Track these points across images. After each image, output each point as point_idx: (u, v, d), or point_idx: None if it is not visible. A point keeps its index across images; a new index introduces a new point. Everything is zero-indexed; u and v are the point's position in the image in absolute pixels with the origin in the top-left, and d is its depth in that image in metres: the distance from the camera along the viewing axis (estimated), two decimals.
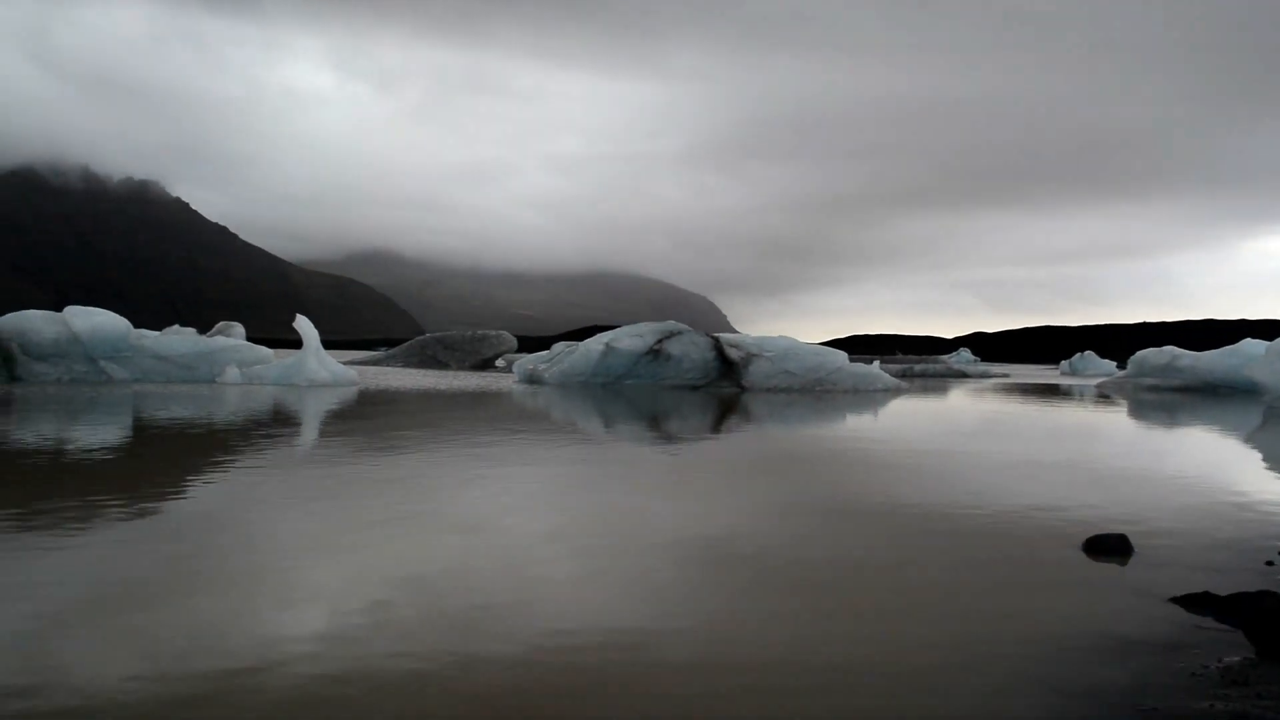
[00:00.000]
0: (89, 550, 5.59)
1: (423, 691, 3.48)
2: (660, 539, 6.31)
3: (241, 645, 3.89)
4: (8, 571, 5.07)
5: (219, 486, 8.41)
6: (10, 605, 4.44)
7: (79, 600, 4.56)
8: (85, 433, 12.75)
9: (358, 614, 4.37)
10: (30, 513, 6.77)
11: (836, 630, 4.40)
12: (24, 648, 3.86)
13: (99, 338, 25.15)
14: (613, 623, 4.37)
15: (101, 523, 6.45)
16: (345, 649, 3.88)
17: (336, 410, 17.97)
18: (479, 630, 4.18)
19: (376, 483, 8.62)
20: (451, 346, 49.08)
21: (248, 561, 5.40)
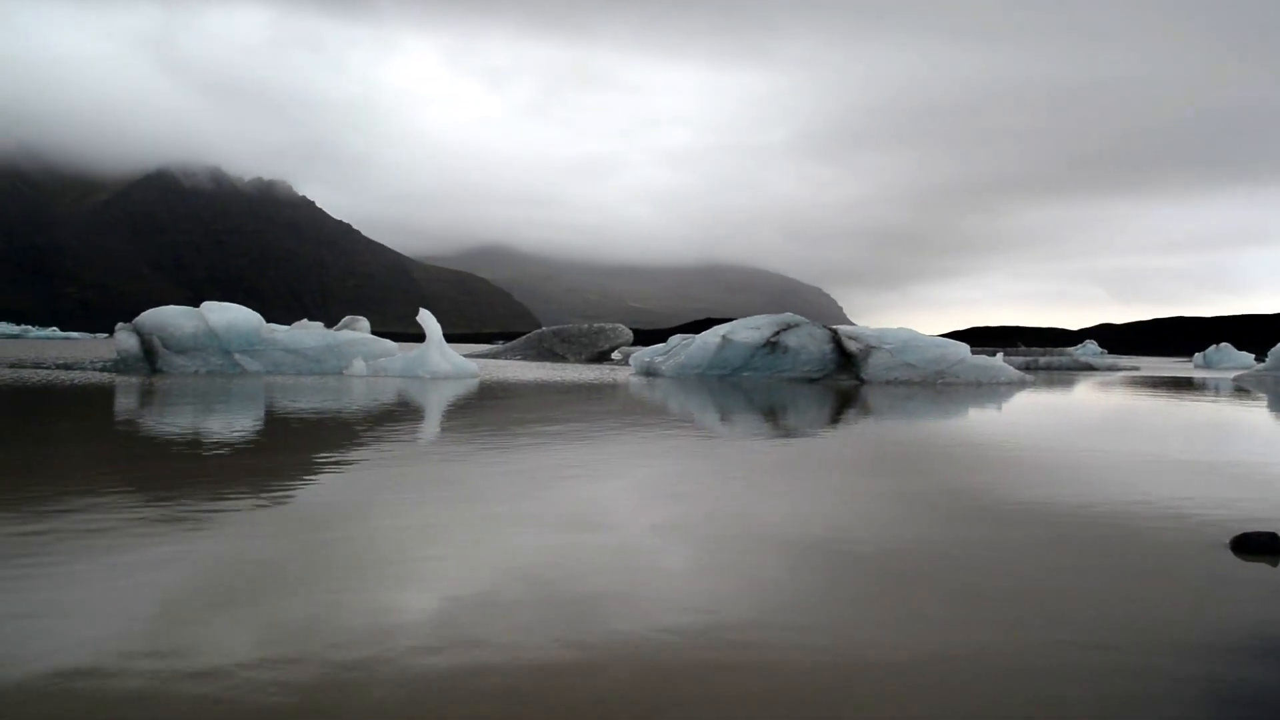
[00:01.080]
0: (220, 536, 5.80)
1: (532, 683, 3.49)
2: (774, 534, 6.25)
3: (357, 631, 3.97)
4: (142, 553, 5.29)
5: (342, 476, 8.65)
6: (142, 586, 4.63)
7: (207, 583, 4.72)
8: (221, 422, 13.27)
9: (470, 604, 4.44)
10: (169, 498, 7.06)
11: (966, 630, 4.26)
12: (154, 628, 4.02)
13: (234, 332, 26.16)
14: (723, 618, 4.33)
15: (233, 509, 6.68)
16: (456, 638, 3.93)
17: (457, 402, 18.31)
18: (589, 623, 4.19)
19: (492, 474, 8.74)
20: (568, 340, 49.59)
21: (367, 550, 5.53)
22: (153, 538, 5.68)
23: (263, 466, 9.18)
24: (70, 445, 10.97)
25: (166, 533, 5.83)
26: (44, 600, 4.37)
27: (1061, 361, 54.66)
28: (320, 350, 27.05)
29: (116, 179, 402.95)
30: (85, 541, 5.57)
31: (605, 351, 49.53)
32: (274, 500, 7.17)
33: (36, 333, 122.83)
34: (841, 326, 32.79)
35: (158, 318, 26.14)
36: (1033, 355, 59.10)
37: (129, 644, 3.79)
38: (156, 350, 25.70)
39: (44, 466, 9.02)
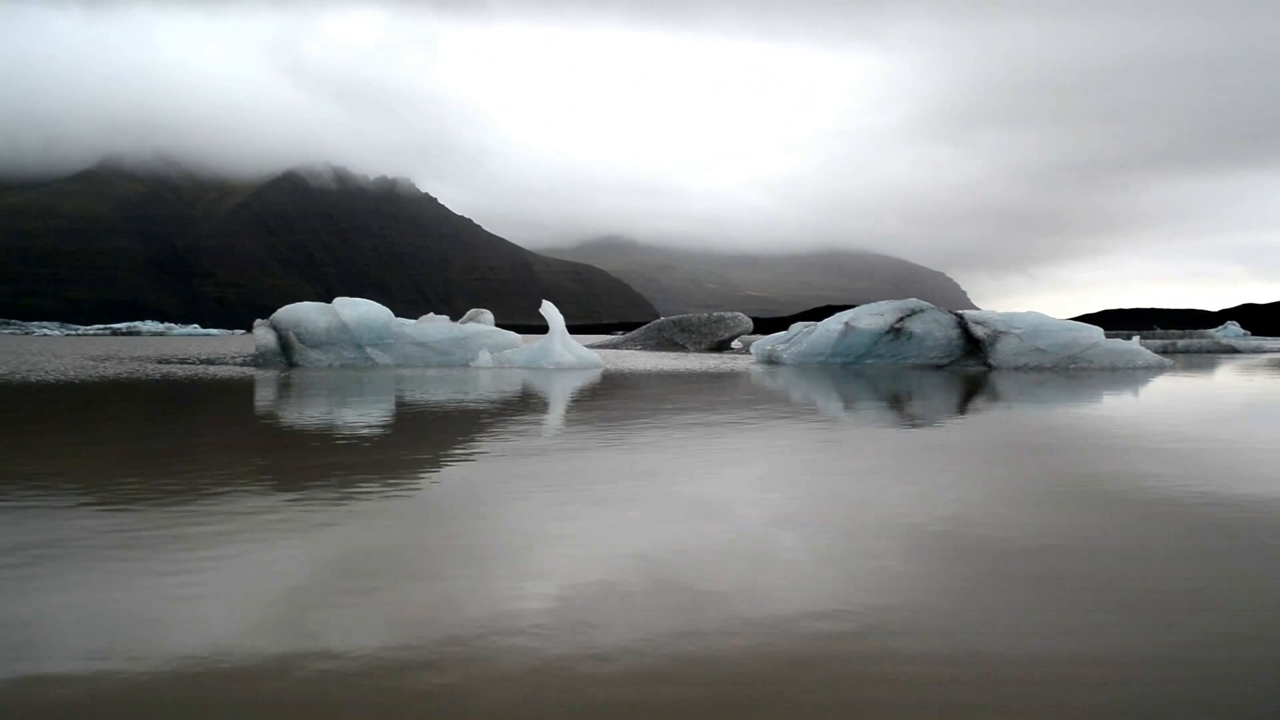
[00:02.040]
0: (349, 524, 5.98)
1: (651, 671, 3.50)
2: (899, 524, 6.12)
3: (478, 618, 4.05)
4: (275, 540, 5.50)
5: (467, 466, 8.82)
6: (273, 571, 4.81)
7: (336, 570, 4.88)
8: (353, 413, 13.72)
9: (587, 592, 4.48)
10: (302, 486, 7.35)
11: (1107, 626, 4.10)
12: (284, 613, 4.17)
13: (364, 326, 26.98)
14: (844, 608, 4.27)
15: (362, 498, 6.90)
16: (574, 626, 3.97)
17: (581, 392, 18.52)
18: (708, 612, 4.18)
19: (613, 464, 8.81)
20: (688, 329, 49.66)
21: (489, 540, 5.64)
22: (285, 525, 5.91)
23: (392, 457, 9.45)
24: (213, 435, 11.50)
25: (298, 520, 6.05)
26: (183, 582, 4.58)
27: (1202, 344, 52.48)
28: (447, 343, 27.68)
29: (249, 182, 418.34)
30: (222, 526, 5.86)
31: (725, 340, 49.45)
32: (401, 490, 7.37)
33: (179, 330, 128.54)
34: (967, 311, 32.06)
35: (293, 314, 27.15)
36: (1170, 338, 56.87)
37: (259, 627, 3.95)
38: (293, 345, 26.69)
39: (190, 455, 9.47)
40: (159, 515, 6.12)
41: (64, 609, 4.14)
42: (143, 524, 5.87)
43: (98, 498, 6.81)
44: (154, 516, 6.09)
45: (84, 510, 6.33)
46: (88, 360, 32.37)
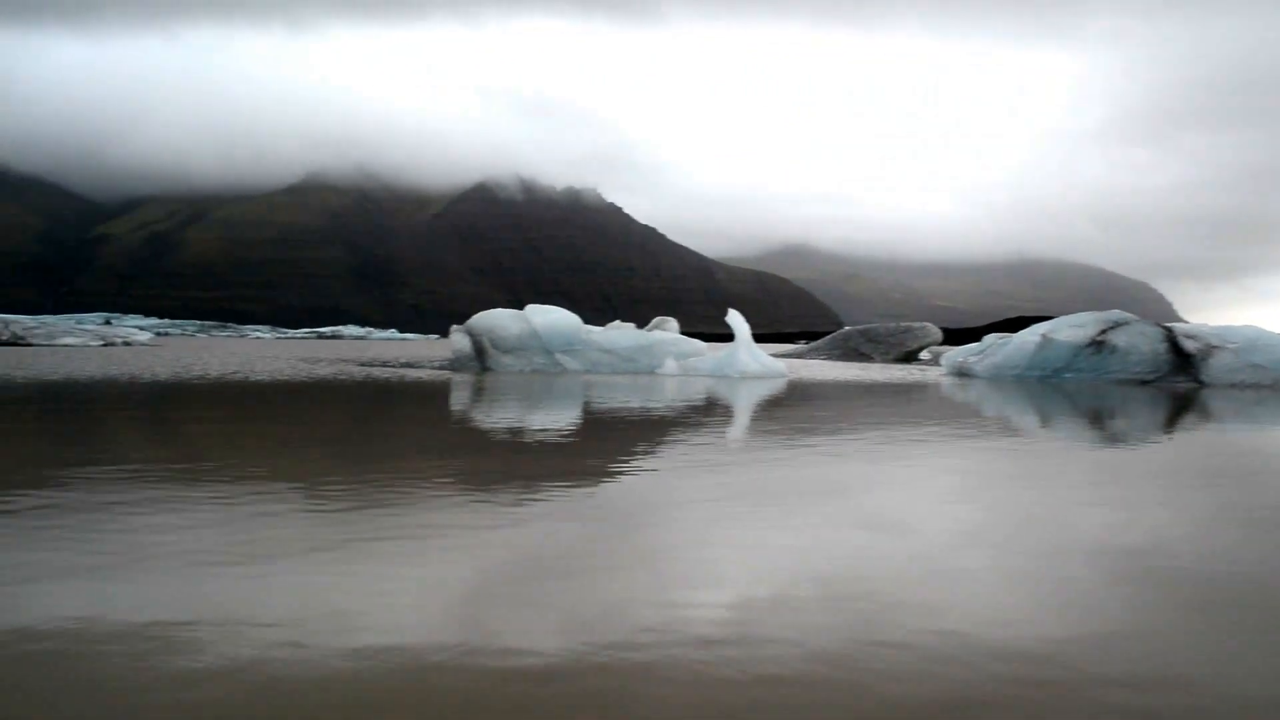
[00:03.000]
0: (530, 525, 6.11)
1: (821, 682, 3.44)
2: (1087, 546, 5.80)
3: (650, 623, 4.05)
4: (457, 538, 5.67)
5: (649, 471, 8.92)
6: (454, 572, 4.95)
7: (513, 570, 4.98)
8: (543, 417, 14.10)
9: (757, 602, 4.43)
10: (488, 486, 7.57)
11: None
12: (462, 611, 4.29)
13: (554, 332, 27.71)
14: (1024, 630, 4.08)
15: (544, 500, 7.05)
16: (745, 634, 3.94)
17: (766, 401, 18.47)
18: (882, 626, 4.08)
19: (794, 473, 8.74)
20: (875, 339, 48.81)
21: (664, 545, 5.68)
22: (471, 524, 6.10)
23: (576, 461, 9.65)
24: (410, 435, 12.02)
25: (484, 519, 6.23)
26: (373, 577, 4.77)
27: None
28: (633, 350, 28.09)
29: (443, 194, 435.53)
30: (409, 519, 6.14)
31: (913, 351, 48.35)
32: (583, 494, 7.48)
33: (378, 334, 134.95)
34: (1176, 324, 30.37)
35: (487, 320, 28.16)
36: None
37: (441, 624, 4.08)
38: (487, 350, 27.66)
39: (387, 455, 9.95)
40: (356, 513, 6.43)
41: (269, 598, 4.38)
42: (340, 521, 6.18)
43: (305, 496, 7.21)
44: (351, 514, 6.40)
45: (290, 505, 6.74)
46: (299, 362, 34.36)
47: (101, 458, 9.28)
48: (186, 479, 7.64)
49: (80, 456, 9.27)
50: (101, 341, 55.25)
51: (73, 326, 62.21)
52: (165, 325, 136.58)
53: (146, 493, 6.88)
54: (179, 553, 5.06)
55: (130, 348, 52.32)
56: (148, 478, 7.68)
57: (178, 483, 7.43)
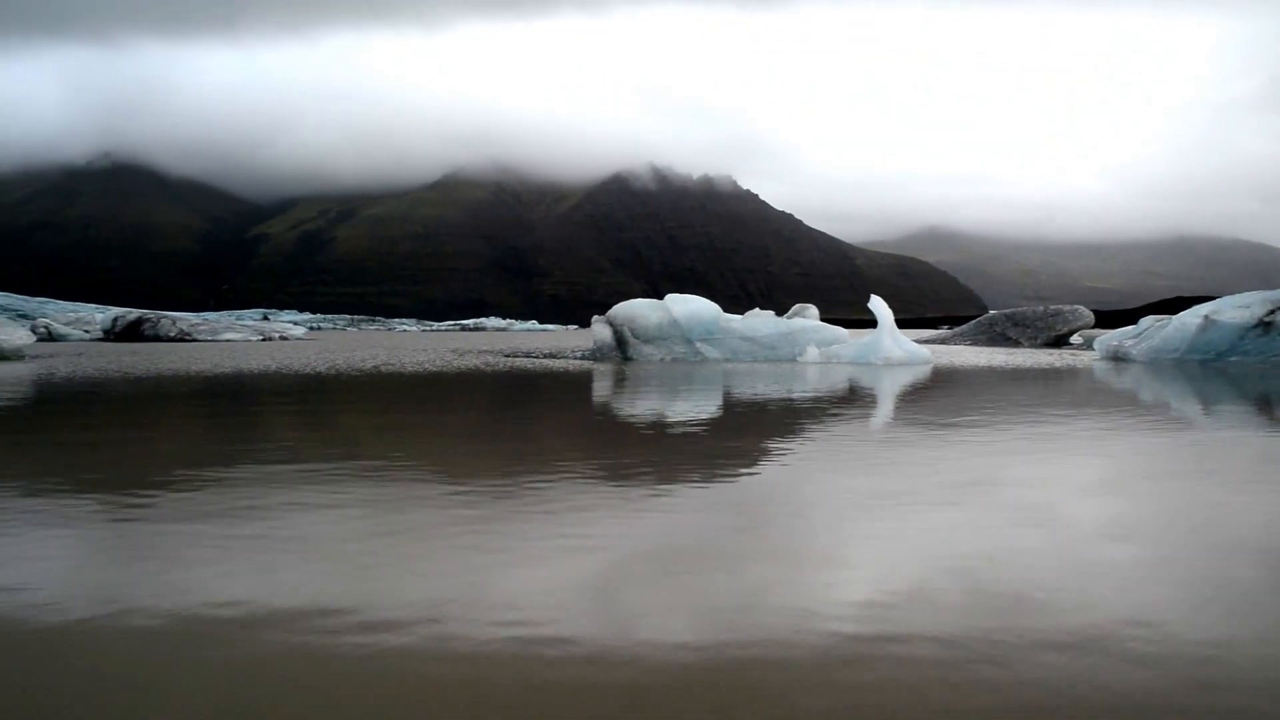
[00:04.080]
0: (666, 512, 6.17)
1: (952, 683, 3.34)
2: (1253, 544, 5.47)
3: (784, 612, 4.04)
4: (592, 525, 5.75)
5: (789, 459, 8.88)
6: (592, 559, 5.00)
7: (649, 558, 5.04)
8: (684, 405, 14.23)
9: (896, 595, 4.35)
10: (623, 473, 7.69)
11: None
12: (599, 599, 4.34)
13: (694, 321, 27.80)
14: (1180, 630, 3.87)
15: (681, 487, 7.13)
16: (880, 627, 3.88)
17: (910, 388, 18.17)
18: (1020, 621, 3.95)
19: (937, 462, 8.59)
20: (1022, 323, 47.36)
21: (801, 534, 5.63)
22: (609, 512, 6.19)
23: (716, 448, 9.68)
24: (553, 422, 12.27)
25: (621, 505, 6.33)
26: (508, 560, 4.89)
27: None
28: (774, 338, 27.97)
29: (579, 186, 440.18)
30: (550, 506, 6.25)
31: (1063, 335, 46.73)
32: (722, 481, 7.52)
33: (519, 325, 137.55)
34: None
35: (628, 310, 28.46)
36: None
37: (577, 606, 4.14)
38: (627, 340, 27.95)
39: (531, 441, 10.19)
40: (498, 501, 6.60)
41: (413, 581, 4.52)
42: (483, 504, 6.37)
43: (451, 483, 7.46)
44: (493, 501, 6.58)
45: (436, 492, 6.96)
46: (446, 353, 35.34)
47: (266, 446, 9.80)
48: (341, 466, 8.00)
49: (247, 445, 9.80)
50: (260, 336, 57.91)
51: (233, 323, 65.40)
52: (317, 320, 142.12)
53: (304, 479, 7.23)
54: (332, 538, 5.30)
55: (287, 342, 54.68)
56: (306, 465, 8.08)
57: (333, 469, 7.78)
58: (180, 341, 51.45)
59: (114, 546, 5.21)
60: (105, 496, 6.61)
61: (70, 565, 4.87)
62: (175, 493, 6.69)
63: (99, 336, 55.52)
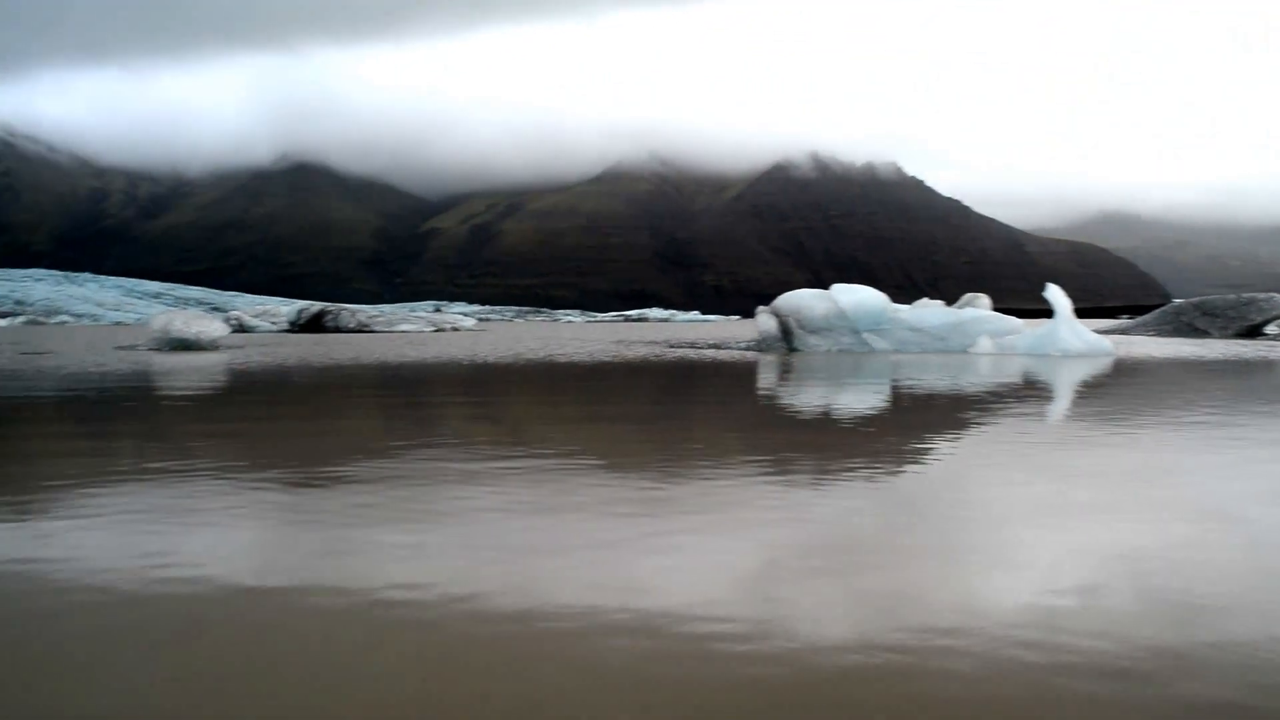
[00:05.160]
0: (824, 503, 6.10)
1: (1121, 690, 3.16)
2: None
3: (941, 612, 3.90)
4: (749, 513, 5.72)
5: (955, 452, 8.67)
6: (747, 549, 4.97)
7: (806, 547, 4.98)
8: (849, 396, 14.09)
9: (1061, 593, 4.15)
10: (782, 462, 7.60)
11: None
12: (752, 589, 4.29)
13: (861, 312, 27.41)
14: None
15: (841, 477, 7.01)
16: (1042, 627, 3.71)
17: (1089, 381, 17.46)
18: (1197, 630, 3.70)
19: (1116, 458, 8.22)
20: (1211, 312, 44.83)
21: (962, 528, 5.47)
22: (768, 502, 6.14)
23: (882, 440, 9.51)
24: (718, 413, 12.31)
25: (781, 498, 6.26)
26: (665, 548, 4.91)
27: None
28: (944, 328, 27.32)
29: (741, 175, 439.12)
30: (709, 496, 6.28)
31: (1257, 325, 44.00)
32: (886, 473, 7.37)
33: (682, 317, 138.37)
34: None
35: (793, 300, 28.27)
36: None
37: (728, 601, 4.09)
38: (793, 330, 27.78)
39: (689, 430, 10.26)
40: (656, 487, 6.66)
41: (569, 569, 4.58)
42: (643, 494, 6.43)
43: (611, 470, 7.59)
44: (651, 488, 6.64)
45: (596, 479, 7.07)
46: (611, 344, 35.88)
47: (439, 432, 10.18)
48: (508, 453, 8.23)
49: (422, 432, 10.21)
50: (433, 328, 60.00)
51: (408, 314, 67.95)
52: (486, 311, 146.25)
53: (473, 466, 7.46)
54: (493, 528, 5.42)
55: (458, 333, 56.46)
56: (475, 452, 8.37)
57: (500, 457, 8.02)
58: (359, 333, 53.77)
59: (296, 530, 5.49)
60: (289, 480, 7.00)
61: (252, 547, 5.14)
62: (353, 479, 7.01)
63: (284, 328, 58.56)
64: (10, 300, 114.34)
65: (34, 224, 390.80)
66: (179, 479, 6.86)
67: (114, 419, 11.72)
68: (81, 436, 10.25)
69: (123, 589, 4.16)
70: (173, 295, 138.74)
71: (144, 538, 5.11)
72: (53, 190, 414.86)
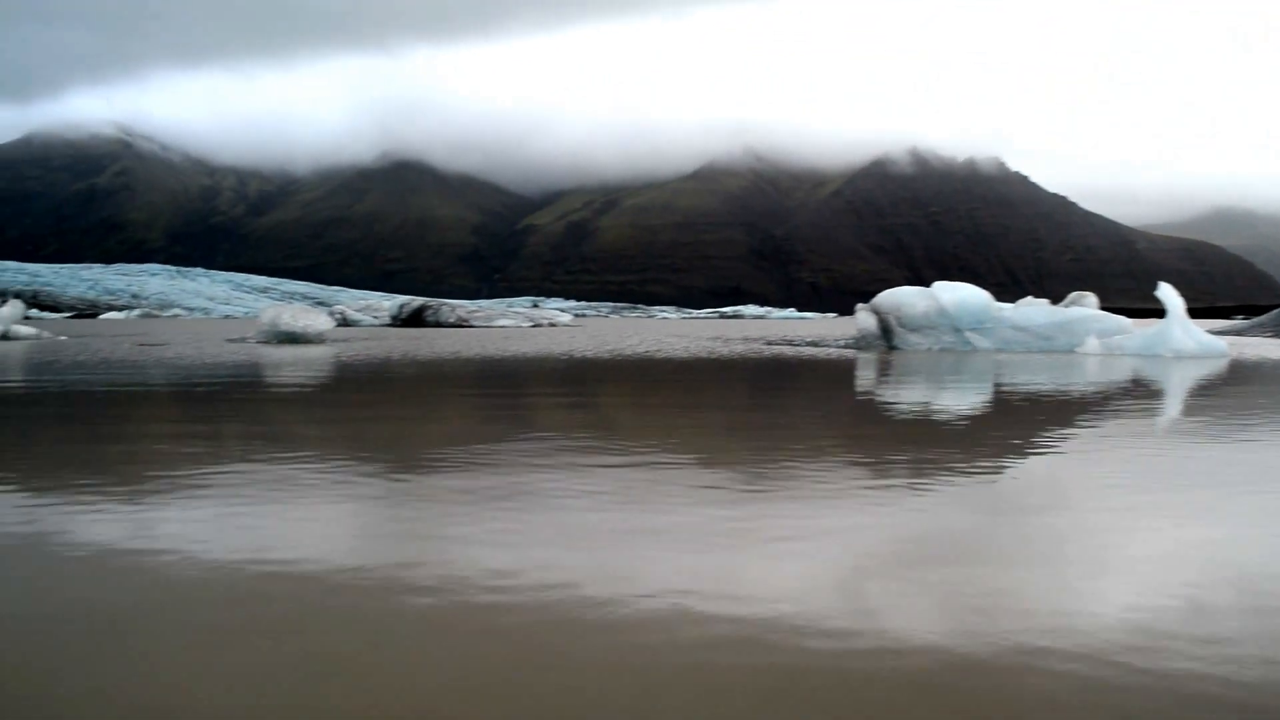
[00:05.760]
0: (922, 503, 5.98)
1: (1227, 707, 3.01)
2: None
3: (1036, 620, 3.76)
4: (843, 519, 5.58)
5: (1057, 455, 8.41)
6: (838, 550, 4.88)
7: (900, 548, 4.89)
8: (950, 396, 13.83)
9: (1166, 606, 3.97)
10: (883, 463, 7.45)
11: None
12: (844, 590, 4.21)
13: (964, 310, 26.90)
14: None
15: (938, 478, 6.85)
16: (1144, 636, 3.55)
17: (1201, 383, 16.87)
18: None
19: (1222, 462, 7.94)
20: None
21: (1061, 534, 5.28)
22: (862, 502, 6.03)
23: (982, 441, 9.34)
24: (811, 409, 12.21)
25: (875, 499, 6.14)
26: (755, 548, 4.85)
27: None
28: (1050, 327, 26.66)
29: (839, 171, 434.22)
30: (800, 494, 6.23)
31: None
32: (985, 475, 7.20)
33: (777, 314, 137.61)
34: None
35: (893, 298, 27.88)
36: None
37: (819, 602, 4.01)
38: (892, 328, 27.39)
39: (785, 427, 10.17)
40: (749, 482, 6.64)
41: (656, 565, 4.56)
42: (735, 489, 6.41)
43: (702, 466, 7.55)
44: (744, 483, 6.63)
45: (686, 477, 7.04)
46: (709, 340, 35.85)
47: (534, 424, 10.29)
48: (602, 446, 8.29)
49: (518, 423, 10.35)
50: (531, 323, 60.67)
51: (506, 310, 68.89)
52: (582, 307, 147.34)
53: (566, 460, 7.52)
54: (585, 519, 5.46)
55: (555, 328, 57.00)
56: (569, 443, 8.43)
57: (593, 450, 8.08)
58: (458, 327, 54.63)
59: (395, 517, 5.60)
60: (392, 469, 7.14)
61: (349, 533, 5.27)
62: (452, 467, 7.14)
63: (386, 322, 59.79)
64: (127, 294, 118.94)
65: (149, 221, 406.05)
66: (287, 464, 7.06)
67: (229, 409, 12.13)
68: (198, 423, 10.61)
69: (225, 576, 4.28)
70: (279, 290, 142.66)
71: (246, 525, 5.28)
72: (166, 188, 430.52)
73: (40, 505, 5.81)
